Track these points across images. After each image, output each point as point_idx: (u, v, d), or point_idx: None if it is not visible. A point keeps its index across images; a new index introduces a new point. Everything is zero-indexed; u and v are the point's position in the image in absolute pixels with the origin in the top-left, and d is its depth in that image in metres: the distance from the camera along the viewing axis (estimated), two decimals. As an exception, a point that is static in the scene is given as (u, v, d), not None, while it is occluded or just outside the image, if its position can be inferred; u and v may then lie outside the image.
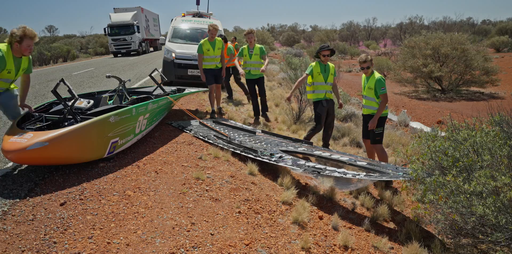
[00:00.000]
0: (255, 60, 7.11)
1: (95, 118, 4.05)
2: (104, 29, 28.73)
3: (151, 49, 37.27)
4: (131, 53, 29.48)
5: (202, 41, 7.08)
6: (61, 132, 3.71)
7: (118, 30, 28.29)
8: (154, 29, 37.19)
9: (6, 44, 3.79)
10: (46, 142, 3.56)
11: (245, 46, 7.22)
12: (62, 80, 4.33)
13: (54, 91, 4.28)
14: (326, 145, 6.01)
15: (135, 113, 4.68)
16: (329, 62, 5.87)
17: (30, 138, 3.58)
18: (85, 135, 3.93)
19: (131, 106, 4.64)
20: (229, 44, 8.78)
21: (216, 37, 7.15)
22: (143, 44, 31.18)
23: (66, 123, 4.22)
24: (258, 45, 7.15)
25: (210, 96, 7.38)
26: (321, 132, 6.09)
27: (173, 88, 7.00)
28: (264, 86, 7.45)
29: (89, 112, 4.62)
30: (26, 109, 4.36)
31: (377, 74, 5.18)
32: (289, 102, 6.39)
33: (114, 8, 30.50)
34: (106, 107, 4.80)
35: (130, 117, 4.57)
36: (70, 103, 4.37)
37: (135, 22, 28.80)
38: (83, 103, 4.77)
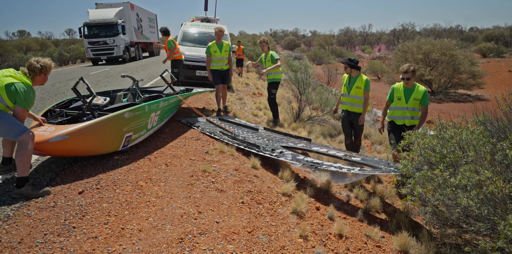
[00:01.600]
0: (269, 66, 7.03)
1: (111, 114, 4.07)
2: (79, 29, 20.55)
3: (146, 54, 29.53)
4: (119, 60, 22.07)
5: (210, 43, 7.08)
6: (80, 126, 3.74)
7: (98, 30, 20.55)
8: (150, 31, 28.84)
9: (28, 78, 3.36)
10: (66, 134, 3.59)
11: (264, 53, 7.24)
12: (82, 78, 4.35)
13: (74, 89, 4.30)
14: (357, 148, 5.74)
15: (148, 110, 4.70)
16: (363, 75, 5.34)
17: (53, 131, 3.61)
18: (102, 129, 3.95)
19: (144, 103, 4.67)
20: (170, 38, 8.56)
21: (223, 40, 7.14)
22: (132, 49, 23.16)
23: (84, 119, 4.25)
24: (270, 52, 7.06)
25: (216, 96, 7.38)
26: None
27: (182, 88, 7.02)
28: (272, 92, 7.22)
29: (105, 108, 4.65)
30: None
31: (422, 86, 4.77)
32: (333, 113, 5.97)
33: (96, 3, 22.43)
34: (121, 104, 4.83)
35: (143, 114, 4.59)
36: (88, 100, 4.40)
37: (119, 21, 20.98)
38: (100, 100, 4.80)
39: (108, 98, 4.95)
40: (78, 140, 3.72)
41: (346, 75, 5.46)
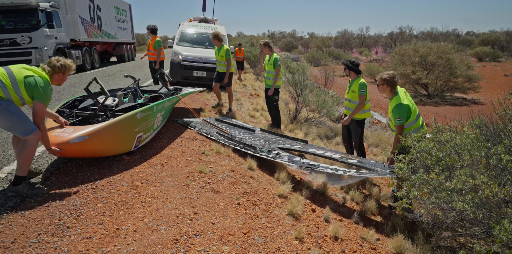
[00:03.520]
0: (268, 70, 6.69)
1: (126, 114, 4.05)
2: None
3: (113, 59, 21.34)
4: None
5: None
6: (99, 127, 3.70)
7: (4, 20, 11.92)
8: (119, 26, 20.31)
9: (46, 76, 3.29)
10: (86, 135, 3.56)
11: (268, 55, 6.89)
12: (95, 79, 4.31)
13: (87, 89, 4.26)
14: (358, 154, 5.43)
15: (155, 110, 4.72)
16: (361, 79, 5.11)
17: (71, 132, 3.57)
18: (118, 129, 3.94)
19: (153, 104, 4.67)
20: (157, 38, 8.53)
21: (223, 45, 7.27)
22: (76, 52, 14.26)
23: (100, 119, 4.23)
24: (275, 55, 6.56)
25: (215, 92, 7.92)
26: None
27: (171, 87, 7.00)
28: (271, 99, 6.87)
29: (116, 109, 4.63)
30: None
31: (397, 99, 4.06)
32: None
33: None
34: (131, 104, 4.84)
35: (152, 114, 4.60)
36: (102, 101, 4.38)
37: (45, 5, 12.35)
38: (109, 100, 4.79)
39: (117, 99, 4.94)
40: (97, 141, 3.69)
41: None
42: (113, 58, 21.68)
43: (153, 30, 8.58)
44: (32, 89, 3.13)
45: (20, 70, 3.14)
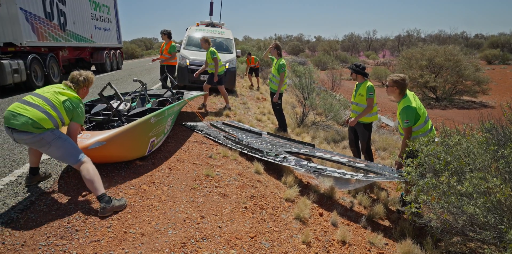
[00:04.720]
0: (273, 73, 6.68)
1: (140, 119, 4.05)
2: None
3: (93, 68, 16.72)
4: None
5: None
6: (116, 132, 3.69)
7: None
8: (97, 26, 15.49)
9: (76, 95, 3.28)
10: (104, 141, 3.55)
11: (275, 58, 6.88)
12: (109, 84, 4.33)
13: (101, 94, 4.29)
14: (365, 158, 5.42)
15: (167, 115, 4.73)
16: (368, 82, 5.09)
17: (89, 137, 3.55)
18: (134, 134, 3.94)
19: (164, 108, 4.68)
20: (172, 43, 8.75)
21: (210, 48, 7.59)
22: (15, 62, 8.86)
23: (115, 124, 4.23)
24: (282, 61, 6.54)
25: (222, 94, 8.16)
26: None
27: (174, 91, 7.03)
28: (277, 103, 6.87)
29: (129, 114, 4.64)
30: None
31: (405, 102, 4.05)
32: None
33: None
34: (142, 109, 4.86)
35: (163, 118, 4.61)
36: (116, 106, 4.40)
37: None
38: (121, 105, 4.81)
39: (129, 104, 4.95)
40: (114, 146, 3.69)
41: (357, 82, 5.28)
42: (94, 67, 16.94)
43: (169, 35, 8.76)
44: (72, 113, 3.17)
45: (54, 95, 3.12)
